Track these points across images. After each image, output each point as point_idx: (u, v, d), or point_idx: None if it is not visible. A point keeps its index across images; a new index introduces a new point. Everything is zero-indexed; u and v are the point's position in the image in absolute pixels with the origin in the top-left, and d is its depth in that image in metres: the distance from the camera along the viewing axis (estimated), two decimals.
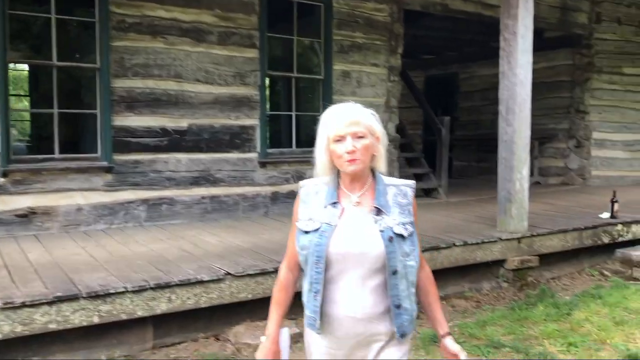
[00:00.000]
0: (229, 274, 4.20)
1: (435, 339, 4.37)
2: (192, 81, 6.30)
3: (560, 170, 10.19)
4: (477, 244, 5.47)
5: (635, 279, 6.20)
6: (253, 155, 6.69)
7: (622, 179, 10.29)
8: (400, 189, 1.95)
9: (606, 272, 6.41)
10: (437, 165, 8.47)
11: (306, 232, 1.88)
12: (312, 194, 1.94)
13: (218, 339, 4.28)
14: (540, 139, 10.14)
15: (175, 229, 5.88)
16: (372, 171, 1.95)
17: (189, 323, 4.18)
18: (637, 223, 6.70)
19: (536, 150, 10.08)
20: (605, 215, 6.71)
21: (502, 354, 4.21)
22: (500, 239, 5.61)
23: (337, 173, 1.93)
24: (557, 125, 10.18)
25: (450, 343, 1.99)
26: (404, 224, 1.87)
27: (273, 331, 2.01)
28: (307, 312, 1.93)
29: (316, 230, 1.86)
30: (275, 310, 2.02)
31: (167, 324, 4.10)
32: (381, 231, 1.84)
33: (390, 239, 1.83)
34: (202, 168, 6.42)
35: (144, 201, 6.12)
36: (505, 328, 4.69)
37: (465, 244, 5.39)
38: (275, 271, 4.39)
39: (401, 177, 9.11)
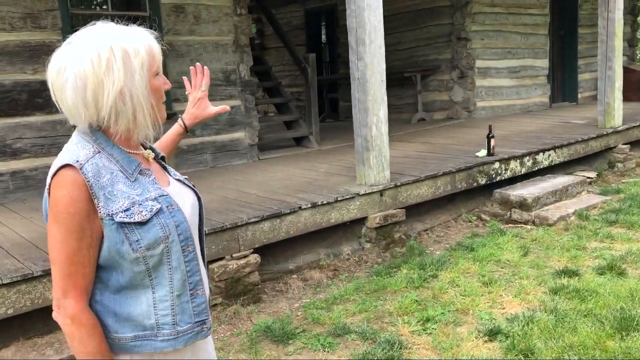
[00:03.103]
0: None
1: (269, 332, 3.53)
2: None
3: (445, 104, 9.49)
4: (330, 203, 4.61)
5: (515, 221, 5.63)
6: (64, 116, 5.41)
7: (509, 108, 9.80)
8: None
9: (485, 217, 5.80)
10: (306, 110, 7.51)
11: (145, 223, 1.36)
12: (104, 172, 1.37)
13: None
14: (422, 72, 9.38)
15: None
16: None
17: None
18: (516, 159, 6.07)
19: (419, 84, 9.33)
20: (482, 153, 6.04)
21: (345, 343, 3.43)
22: (358, 195, 4.77)
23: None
24: (440, 55, 9.41)
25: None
26: None
27: None
28: (182, 325, 1.42)
29: (160, 211, 1.39)
30: None
31: None
32: (185, 179, 1.58)
33: (194, 185, 1.60)
34: None
35: None
36: (357, 304, 3.93)
37: (315, 205, 4.51)
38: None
39: (268, 126, 7.93)
